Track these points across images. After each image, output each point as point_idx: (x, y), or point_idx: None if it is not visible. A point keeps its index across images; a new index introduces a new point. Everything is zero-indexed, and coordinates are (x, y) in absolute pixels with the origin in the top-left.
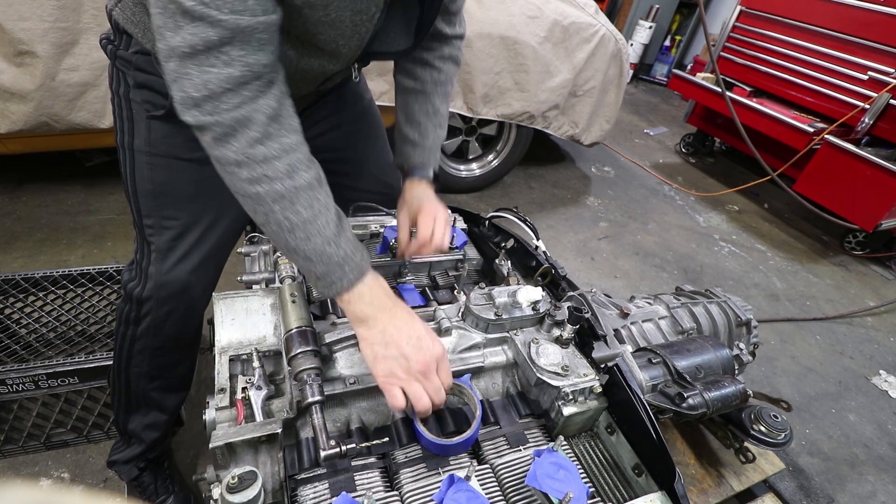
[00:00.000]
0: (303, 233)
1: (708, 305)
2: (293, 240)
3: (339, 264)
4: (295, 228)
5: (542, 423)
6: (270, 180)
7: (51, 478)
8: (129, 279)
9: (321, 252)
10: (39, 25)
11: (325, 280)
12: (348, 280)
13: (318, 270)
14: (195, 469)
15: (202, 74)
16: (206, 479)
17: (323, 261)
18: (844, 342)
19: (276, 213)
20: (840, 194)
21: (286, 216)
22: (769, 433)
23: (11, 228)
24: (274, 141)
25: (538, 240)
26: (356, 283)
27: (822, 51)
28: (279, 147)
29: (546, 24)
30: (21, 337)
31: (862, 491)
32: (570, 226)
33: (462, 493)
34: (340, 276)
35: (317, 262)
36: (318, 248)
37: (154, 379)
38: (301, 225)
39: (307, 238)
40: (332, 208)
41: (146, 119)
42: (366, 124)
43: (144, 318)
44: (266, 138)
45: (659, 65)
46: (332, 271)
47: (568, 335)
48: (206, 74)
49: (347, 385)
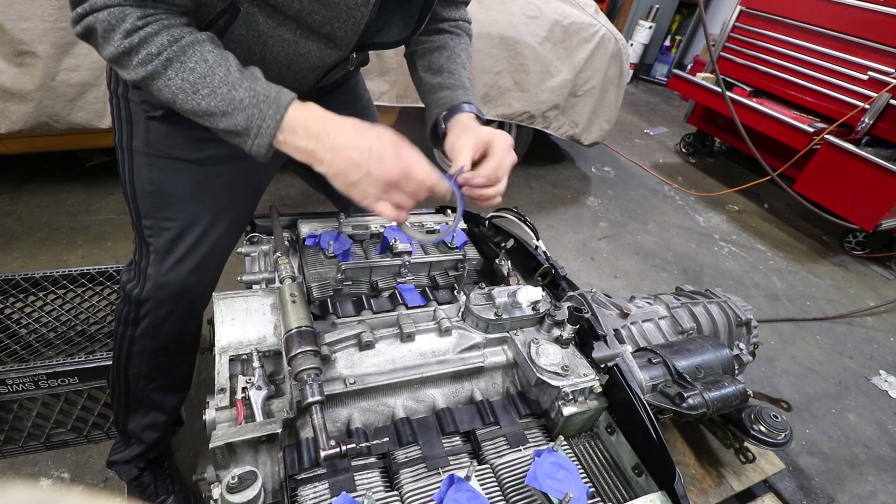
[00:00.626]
0: (206, 87)
1: (708, 305)
2: (202, 99)
3: (254, 104)
4: (197, 86)
5: (542, 423)
6: (155, 56)
7: (51, 478)
8: (128, 280)
9: (230, 99)
10: (39, 25)
11: (252, 129)
12: (272, 118)
13: (240, 122)
14: (195, 469)
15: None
16: (206, 479)
17: (237, 107)
18: (844, 342)
19: (174, 78)
20: (840, 194)
21: (182, 77)
22: (769, 433)
23: (11, 228)
24: (151, 24)
25: (538, 240)
26: (281, 117)
27: (822, 51)
28: (158, 25)
29: (546, 24)
30: (21, 337)
31: (862, 491)
32: (570, 226)
33: (462, 493)
34: (261, 115)
35: (233, 112)
36: (227, 97)
37: (153, 380)
38: (200, 80)
39: (212, 92)
40: (230, 59)
41: (144, 120)
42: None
43: (143, 319)
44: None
45: (659, 65)
46: (252, 115)
47: (568, 335)
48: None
49: (347, 385)
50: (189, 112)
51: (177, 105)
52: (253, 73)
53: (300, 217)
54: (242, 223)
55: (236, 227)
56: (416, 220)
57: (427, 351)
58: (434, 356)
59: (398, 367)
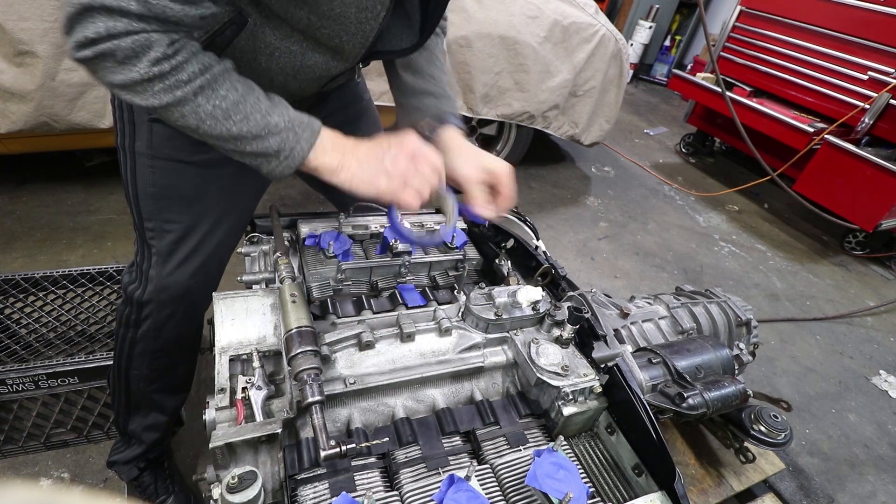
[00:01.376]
0: (239, 114)
1: (708, 305)
2: (234, 125)
3: (290, 128)
4: (229, 113)
5: (542, 423)
6: (185, 83)
7: (51, 478)
8: (130, 282)
9: (265, 125)
10: (39, 25)
11: (284, 150)
12: (306, 140)
13: (273, 144)
14: (195, 469)
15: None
16: (206, 479)
17: (272, 132)
18: (844, 342)
19: (204, 105)
20: (840, 194)
21: (215, 104)
22: (769, 433)
23: (11, 228)
24: (180, 53)
25: (538, 240)
26: (314, 139)
27: (822, 51)
28: (187, 53)
29: (546, 24)
30: (21, 337)
31: (862, 491)
32: (570, 226)
33: (462, 493)
34: (296, 139)
35: (266, 136)
36: (262, 123)
37: (154, 381)
38: (233, 107)
39: (245, 118)
40: (257, 88)
41: (147, 122)
42: (364, 125)
43: (145, 321)
44: (170, 55)
45: (659, 65)
46: (286, 139)
47: (568, 335)
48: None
49: (347, 385)
50: (213, 136)
51: (199, 130)
52: (279, 100)
53: (300, 217)
54: (243, 224)
55: (238, 228)
56: (416, 219)
57: (427, 351)
58: (434, 356)
59: (398, 367)
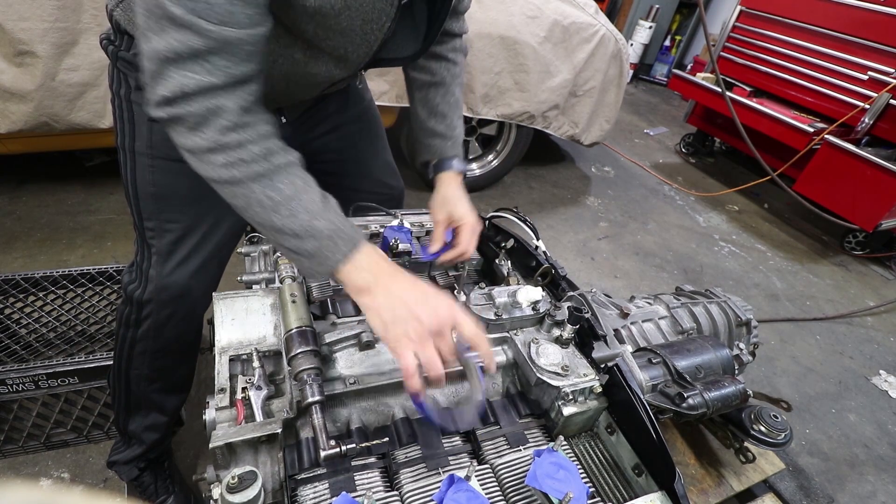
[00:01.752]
0: (287, 209)
1: (708, 305)
2: (278, 218)
3: (330, 237)
4: (278, 206)
5: (542, 423)
6: (247, 163)
7: (51, 478)
8: (130, 281)
9: (308, 227)
10: (39, 25)
11: (318, 257)
12: (342, 252)
13: (310, 247)
14: (195, 469)
15: (181, 79)
16: (206, 479)
17: (313, 235)
18: (844, 342)
19: (257, 193)
20: (840, 194)
21: (267, 195)
22: (769, 433)
23: (11, 228)
24: (248, 129)
25: (538, 240)
26: (351, 253)
27: (822, 51)
28: (254, 133)
29: (546, 24)
30: (21, 337)
31: (862, 491)
32: (570, 226)
33: (462, 493)
34: (333, 249)
35: (306, 237)
36: (306, 224)
37: (154, 381)
38: (284, 202)
39: (292, 214)
40: (314, 187)
41: (148, 122)
42: (366, 125)
43: (145, 320)
44: (239, 127)
45: (659, 65)
46: (324, 246)
47: (568, 335)
48: (186, 79)
49: (347, 385)
50: (256, 222)
51: (246, 213)
52: (332, 205)
53: None
54: (243, 224)
55: (238, 228)
56: (416, 219)
57: None
58: None
59: (398, 367)
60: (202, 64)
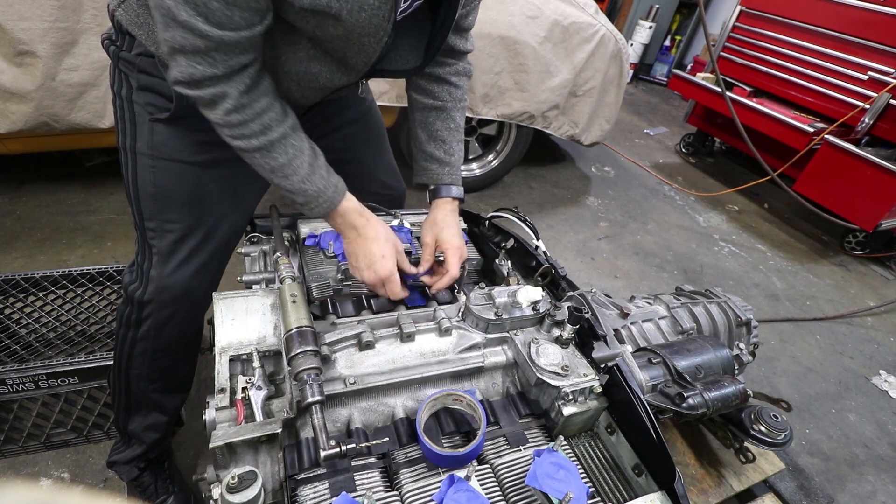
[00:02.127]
0: (282, 173)
1: (708, 305)
2: (276, 178)
3: (315, 196)
4: (275, 170)
5: (542, 423)
6: (247, 137)
7: (51, 478)
8: (130, 281)
9: (298, 188)
10: (39, 25)
11: (307, 206)
12: (323, 209)
13: (300, 200)
14: (195, 469)
15: (188, 68)
16: (206, 479)
17: (302, 193)
18: (844, 342)
19: (258, 160)
20: (840, 194)
21: (265, 162)
22: (769, 433)
23: (11, 228)
24: (247, 109)
25: (538, 240)
26: (330, 209)
27: (822, 51)
28: (252, 112)
29: (546, 24)
30: (21, 337)
31: (862, 491)
32: (570, 226)
33: (462, 493)
34: (316, 205)
35: (297, 194)
36: (296, 186)
37: (154, 381)
38: (279, 168)
39: (286, 177)
40: (305, 150)
41: (149, 122)
42: (367, 126)
43: (145, 320)
44: (240, 108)
45: (659, 65)
46: (309, 201)
47: (568, 335)
48: (192, 69)
49: (347, 385)
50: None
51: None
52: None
53: (300, 217)
54: (244, 224)
55: (238, 228)
56: (415, 219)
57: (427, 351)
58: (434, 356)
59: (398, 367)
60: (204, 58)
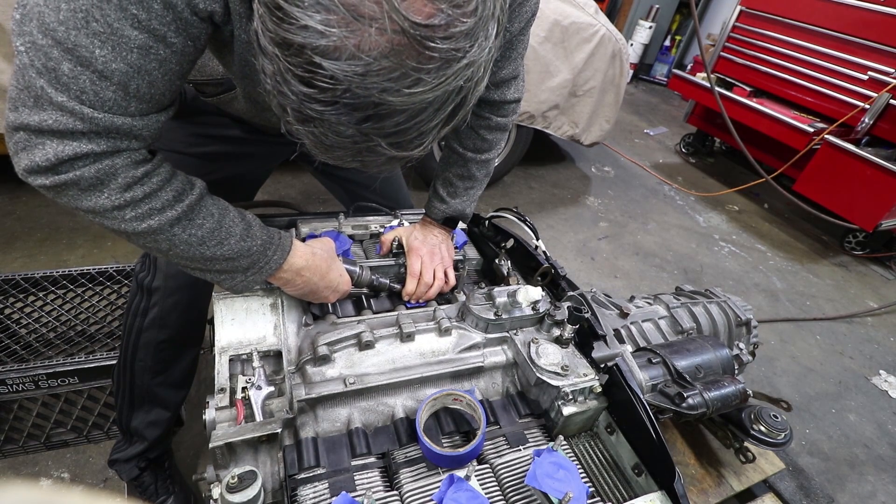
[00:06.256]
0: (214, 240)
1: (708, 305)
2: (208, 250)
3: (263, 250)
4: (205, 240)
5: (542, 423)
6: (160, 212)
7: (51, 478)
8: (140, 269)
9: (240, 248)
10: None
11: (252, 269)
12: (276, 260)
13: (244, 264)
14: (195, 469)
15: (60, 146)
16: (206, 478)
17: (245, 254)
18: (844, 342)
19: (179, 234)
20: (840, 194)
21: (190, 234)
22: (769, 433)
23: (11, 228)
24: (151, 178)
25: (538, 240)
26: (284, 257)
27: (822, 51)
28: (158, 179)
29: (546, 24)
30: (21, 337)
31: (862, 491)
32: (570, 226)
33: (462, 492)
34: (267, 259)
35: (239, 258)
36: (236, 247)
37: (158, 374)
38: (209, 235)
39: (220, 243)
40: (230, 209)
41: None
42: None
43: (152, 308)
44: (140, 179)
45: (659, 65)
46: (257, 260)
47: (568, 335)
48: (65, 147)
49: (347, 385)
50: (182, 258)
51: (169, 253)
52: (252, 220)
53: (300, 217)
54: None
55: None
56: (416, 219)
57: (427, 351)
58: (434, 356)
59: (398, 367)
60: (80, 139)
